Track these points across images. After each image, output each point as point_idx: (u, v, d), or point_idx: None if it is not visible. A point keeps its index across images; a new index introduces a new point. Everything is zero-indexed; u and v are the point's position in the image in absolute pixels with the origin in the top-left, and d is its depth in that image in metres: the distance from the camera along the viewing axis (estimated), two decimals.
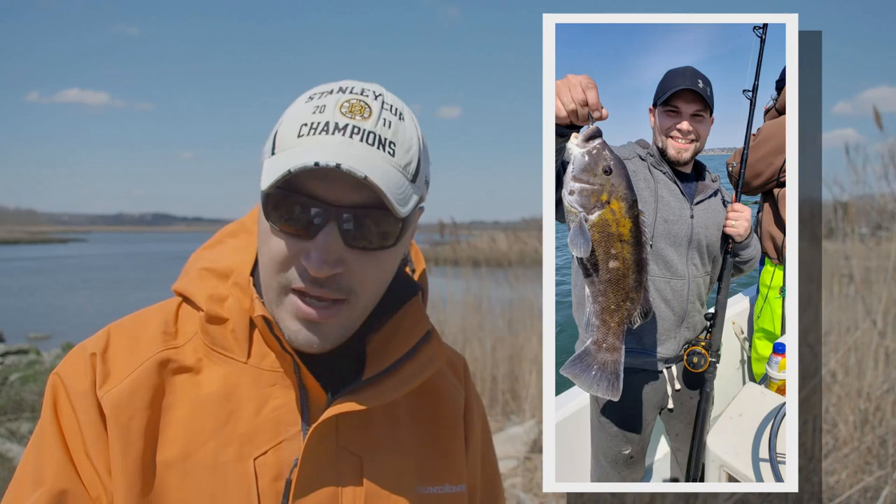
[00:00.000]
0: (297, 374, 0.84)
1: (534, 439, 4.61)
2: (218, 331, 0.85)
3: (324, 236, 0.76)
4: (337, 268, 0.77)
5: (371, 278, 0.81)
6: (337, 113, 0.78)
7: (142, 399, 0.81)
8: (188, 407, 0.82)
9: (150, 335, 0.85)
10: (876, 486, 2.95)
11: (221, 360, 0.85)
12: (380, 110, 0.79)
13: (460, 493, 0.92)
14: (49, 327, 12.67)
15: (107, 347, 0.84)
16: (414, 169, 0.81)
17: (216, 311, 0.86)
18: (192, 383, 0.84)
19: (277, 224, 0.78)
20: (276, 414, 0.83)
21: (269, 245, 0.79)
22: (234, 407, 0.83)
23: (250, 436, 0.82)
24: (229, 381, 0.84)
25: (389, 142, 0.78)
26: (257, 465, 0.81)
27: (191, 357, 0.85)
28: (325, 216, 0.76)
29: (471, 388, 1.02)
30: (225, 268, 0.89)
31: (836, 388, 3.34)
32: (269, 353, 0.85)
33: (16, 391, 6.59)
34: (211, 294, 0.87)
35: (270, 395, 0.84)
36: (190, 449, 0.81)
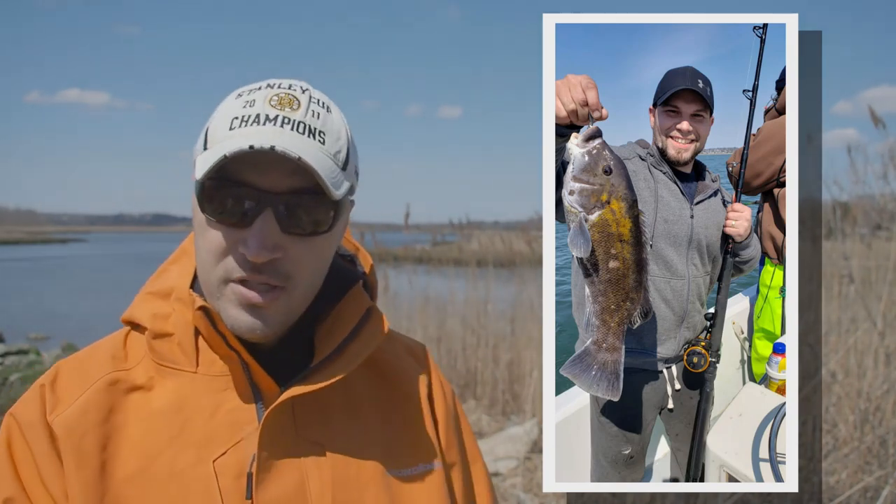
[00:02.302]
0: (247, 374, 0.84)
1: (534, 439, 4.61)
2: (164, 345, 0.86)
3: (260, 223, 0.78)
4: (275, 253, 0.79)
5: (308, 264, 0.82)
6: (267, 106, 0.80)
7: (93, 418, 0.81)
8: (140, 422, 0.82)
9: (97, 361, 0.86)
10: (876, 486, 2.95)
11: (171, 374, 0.85)
12: (308, 103, 0.82)
13: (436, 470, 0.93)
14: (49, 328, 12.66)
15: (56, 378, 0.85)
16: (344, 157, 0.83)
17: (160, 328, 0.87)
18: (143, 400, 0.84)
19: (213, 215, 0.79)
20: (230, 416, 0.83)
21: (206, 238, 0.81)
22: (188, 416, 0.83)
23: (207, 440, 0.82)
24: (180, 392, 0.84)
25: (319, 131, 0.80)
26: (217, 466, 0.81)
27: (142, 377, 0.85)
28: (261, 203, 0.78)
29: (434, 372, 1.03)
30: (167, 288, 0.91)
31: (836, 388, 3.34)
32: (216, 359, 0.85)
33: (16, 391, 6.60)
34: (154, 313, 0.88)
35: (223, 400, 0.84)
36: (146, 462, 0.80)
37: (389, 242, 8.52)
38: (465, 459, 1.02)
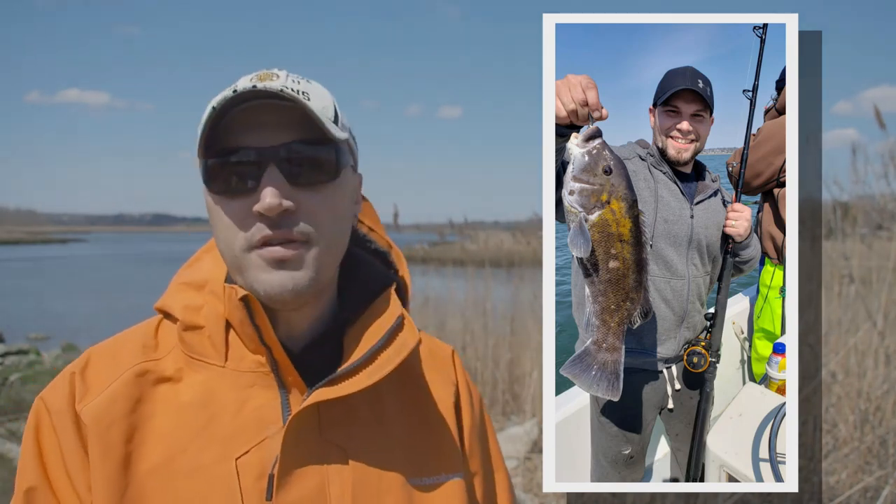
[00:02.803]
0: (276, 371, 0.84)
1: (534, 439, 4.61)
2: (195, 338, 0.86)
3: (267, 178, 0.78)
4: (287, 203, 0.79)
5: (323, 216, 0.82)
6: (246, 82, 0.80)
7: (120, 409, 0.81)
8: (168, 415, 0.83)
9: (129, 350, 0.87)
10: (876, 486, 2.95)
11: (200, 367, 0.85)
12: (286, 76, 0.82)
13: (458, 481, 0.92)
14: (49, 328, 12.66)
15: (86, 366, 0.86)
16: (332, 113, 0.83)
17: (192, 320, 0.87)
18: (172, 392, 0.84)
19: (221, 192, 0.80)
20: (256, 413, 0.83)
21: (220, 216, 0.81)
22: (214, 411, 0.83)
23: (231, 437, 0.82)
24: (208, 386, 0.84)
25: (302, 91, 0.80)
26: (239, 464, 0.81)
27: (171, 367, 0.86)
28: (262, 160, 0.79)
29: (462, 377, 1.02)
30: (201, 279, 0.90)
31: (836, 389, 3.33)
32: (246, 355, 0.85)
33: (16, 391, 6.60)
34: (186, 304, 0.88)
35: (250, 396, 0.84)
36: (170, 455, 0.80)
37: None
38: (488, 468, 1.01)
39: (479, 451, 0.99)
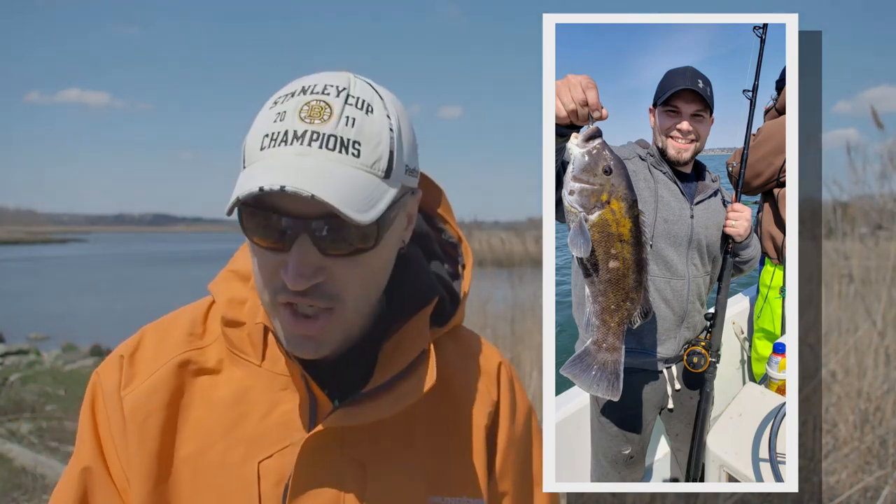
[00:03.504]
0: (305, 381, 0.84)
1: None
2: (235, 334, 0.87)
3: (297, 248, 0.74)
4: (316, 278, 0.75)
5: (355, 281, 0.78)
6: (296, 120, 0.74)
7: (159, 399, 0.84)
8: (203, 408, 0.85)
9: (176, 336, 0.88)
10: (876, 486, 2.95)
11: (239, 363, 0.87)
12: (342, 108, 0.75)
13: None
14: (49, 328, 12.66)
15: (136, 350, 0.88)
16: (385, 164, 0.76)
17: (234, 315, 0.87)
18: (210, 384, 0.86)
19: (253, 239, 0.77)
20: (285, 418, 0.84)
21: (254, 261, 0.79)
22: (245, 409, 0.84)
23: (258, 439, 0.83)
24: (243, 383, 0.85)
25: (353, 142, 0.74)
26: (261, 468, 0.82)
27: (213, 358, 0.87)
28: (296, 229, 0.74)
29: (505, 392, 0.96)
30: (248, 270, 0.88)
31: (836, 388, 3.33)
32: (282, 357, 0.85)
33: (16, 391, 6.60)
34: (231, 297, 0.88)
35: (281, 399, 0.85)
36: (202, 448, 0.83)
37: None
38: (524, 487, 0.98)
39: (512, 472, 0.95)
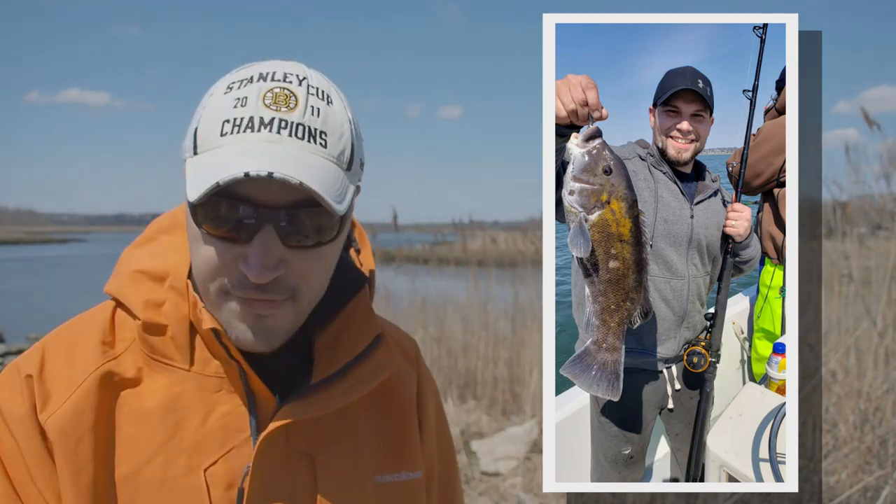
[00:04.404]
0: (244, 379, 0.81)
1: (534, 439, 4.62)
2: (157, 340, 0.81)
3: (261, 240, 0.72)
4: (278, 270, 0.74)
5: (314, 274, 0.77)
6: (260, 106, 0.72)
7: (87, 421, 0.77)
8: (133, 422, 0.79)
9: (88, 348, 0.81)
10: (876, 486, 2.95)
11: (163, 369, 0.81)
12: (306, 97, 0.74)
13: (417, 479, 0.92)
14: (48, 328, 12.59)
15: (42, 366, 0.80)
16: (348, 157, 0.77)
17: (154, 319, 0.81)
18: (134, 397, 0.80)
19: (209, 230, 0.73)
20: (223, 421, 0.81)
21: (202, 251, 0.75)
22: (180, 417, 0.79)
23: (198, 446, 0.79)
24: (173, 390, 0.80)
25: (320, 132, 0.74)
26: (208, 476, 0.78)
27: (131, 367, 0.81)
28: (260, 219, 0.72)
29: (423, 371, 0.99)
30: (160, 269, 0.84)
31: (836, 388, 3.34)
32: (212, 359, 0.82)
33: None
34: (147, 300, 0.82)
35: (217, 402, 0.81)
36: (138, 465, 0.78)
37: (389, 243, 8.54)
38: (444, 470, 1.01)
39: (437, 450, 0.99)
